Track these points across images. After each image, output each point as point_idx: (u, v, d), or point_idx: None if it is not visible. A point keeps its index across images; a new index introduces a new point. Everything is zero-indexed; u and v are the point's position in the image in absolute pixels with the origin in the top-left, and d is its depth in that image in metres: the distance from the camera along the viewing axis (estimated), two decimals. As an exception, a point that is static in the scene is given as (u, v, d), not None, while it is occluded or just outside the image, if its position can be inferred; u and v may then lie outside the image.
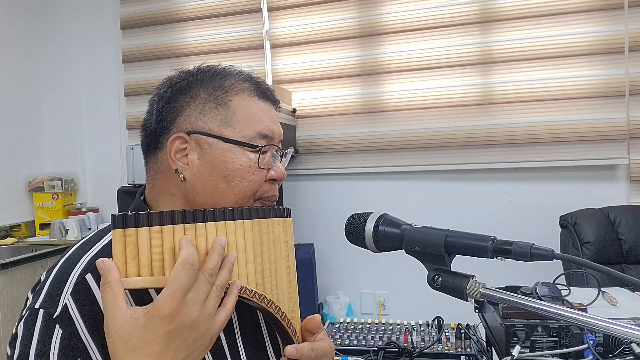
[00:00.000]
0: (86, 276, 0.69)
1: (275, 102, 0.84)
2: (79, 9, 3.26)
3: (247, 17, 2.92)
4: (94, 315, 0.67)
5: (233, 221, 0.68)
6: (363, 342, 1.38)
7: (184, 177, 0.76)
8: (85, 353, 0.65)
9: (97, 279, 0.69)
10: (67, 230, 2.97)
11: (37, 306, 0.67)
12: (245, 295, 0.68)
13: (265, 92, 0.81)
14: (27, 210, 3.16)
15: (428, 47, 2.65)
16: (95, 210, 3.21)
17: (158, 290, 0.60)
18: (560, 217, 2.23)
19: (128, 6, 3.12)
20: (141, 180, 2.46)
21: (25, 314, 0.68)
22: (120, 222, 0.59)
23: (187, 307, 0.58)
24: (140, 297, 0.68)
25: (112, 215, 0.60)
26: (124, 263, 0.59)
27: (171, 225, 0.62)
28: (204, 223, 0.64)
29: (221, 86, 0.78)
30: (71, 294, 0.67)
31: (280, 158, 0.82)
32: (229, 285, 0.65)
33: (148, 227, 0.60)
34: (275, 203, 0.81)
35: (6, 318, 2.39)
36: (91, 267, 0.70)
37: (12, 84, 3.10)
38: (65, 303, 0.66)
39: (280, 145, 0.82)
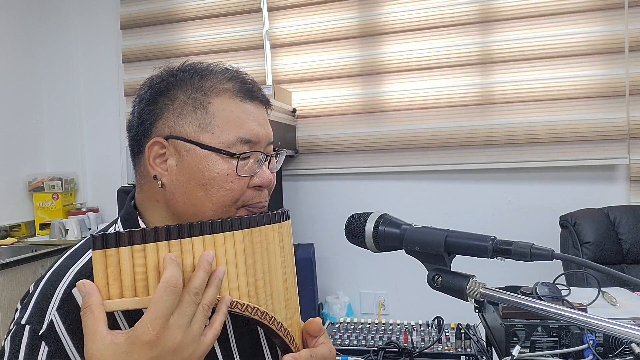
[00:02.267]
0: (72, 291, 0.67)
1: (264, 102, 0.79)
2: (79, 9, 3.26)
3: (247, 17, 2.92)
4: (80, 331, 0.64)
5: (222, 233, 0.64)
6: (363, 342, 1.38)
7: (161, 184, 0.74)
8: None
9: None
10: (67, 230, 2.97)
11: (23, 321, 0.65)
12: (236, 310, 0.65)
13: (251, 92, 0.76)
14: (27, 210, 3.16)
15: (428, 47, 2.65)
16: (95, 210, 3.21)
17: None
18: (560, 217, 2.23)
19: (128, 6, 3.12)
20: (141, 180, 2.46)
21: (12, 329, 0.66)
22: (99, 242, 0.56)
23: (170, 331, 0.56)
24: (134, 315, 0.64)
25: (91, 235, 0.57)
26: (105, 285, 0.57)
27: (155, 243, 0.59)
28: (190, 238, 0.61)
29: (201, 87, 0.74)
30: (57, 309, 0.65)
31: (268, 161, 0.77)
32: (218, 301, 0.62)
33: (130, 247, 0.57)
34: (264, 209, 0.77)
35: (6, 318, 2.39)
36: (77, 280, 0.70)
37: (12, 84, 3.10)
38: (51, 319, 0.65)
39: (267, 149, 0.77)
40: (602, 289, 1.32)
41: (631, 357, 1.08)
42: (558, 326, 1.13)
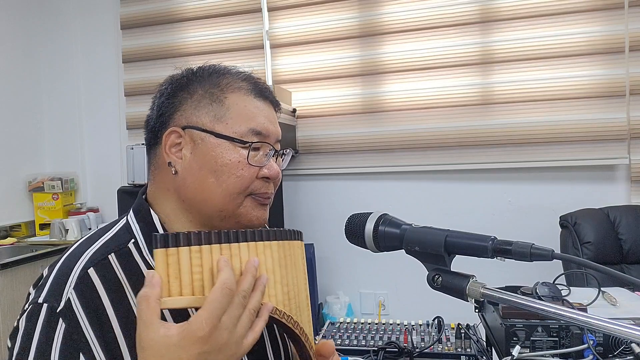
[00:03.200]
0: (89, 270, 0.70)
1: (274, 103, 0.84)
2: (79, 9, 3.26)
3: (247, 17, 2.92)
4: (96, 309, 0.68)
5: (262, 242, 0.68)
6: (363, 342, 1.38)
7: (175, 171, 0.78)
8: (87, 347, 0.66)
9: (100, 273, 0.71)
10: (67, 230, 2.97)
11: (40, 300, 0.67)
12: (275, 316, 0.67)
13: (263, 92, 0.81)
14: (27, 210, 3.16)
15: (428, 47, 2.65)
16: (95, 210, 3.21)
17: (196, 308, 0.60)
18: (560, 217, 2.23)
19: (128, 6, 3.12)
20: (141, 180, 2.46)
21: (28, 308, 0.68)
22: (162, 241, 0.59)
23: (219, 330, 0.58)
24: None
25: (153, 235, 0.60)
26: (166, 282, 0.59)
27: (209, 245, 0.62)
28: (237, 244, 0.65)
29: (218, 84, 0.79)
30: (74, 288, 0.68)
31: (275, 158, 0.82)
32: (261, 306, 0.65)
33: (188, 247, 0.60)
34: (269, 200, 0.81)
35: (6, 318, 2.39)
36: (94, 262, 0.71)
37: (12, 84, 3.10)
38: (69, 297, 0.67)
39: (276, 146, 0.81)
40: (602, 289, 1.32)
41: (631, 357, 1.08)
42: (558, 326, 1.13)
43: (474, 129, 2.59)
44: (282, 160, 0.86)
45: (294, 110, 2.79)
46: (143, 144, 0.87)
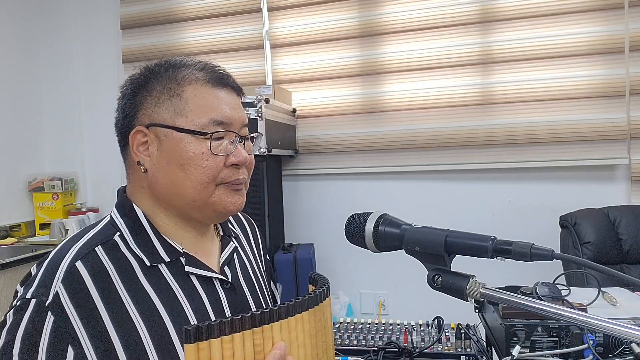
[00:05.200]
0: (76, 263, 0.71)
1: (236, 89, 0.85)
2: (79, 9, 3.26)
3: (247, 17, 2.92)
4: (85, 302, 0.68)
5: (294, 317, 0.67)
6: (363, 342, 1.38)
7: (145, 169, 0.79)
8: (76, 340, 0.66)
9: (88, 266, 0.71)
10: (67, 230, 2.97)
11: (28, 296, 0.68)
12: None
13: (221, 79, 0.82)
14: (27, 210, 3.16)
15: (428, 47, 2.65)
16: (95, 210, 3.21)
17: None
18: (560, 217, 2.23)
19: (128, 6, 3.12)
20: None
21: (16, 304, 0.69)
22: (193, 335, 0.57)
23: None
24: None
25: (184, 329, 0.58)
26: None
27: (241, 333, 0.61)
28: (270, 325, 0.64)
29: (175, 78, 0.80)
30: (62, 281, 0.68)
31: (244, 143, 0.82)
32: None
33: (220, 338, 0.59)
34: (241, 186, 0.82)
35: (6, 318, 2.39)
36: (81, 255, 0.72)
37: (12, 84, 3.10)
38: (57, 291, 0.68)
39: (241, 132, 0.82)
40: (602, 289, 1.32)
41: (631, 357, 1.08)
42: (558, 326, 1.13)
43: (474, 129, 2.59)
44: (253, 144, 0.87)
45: (294, 110, 2.79)
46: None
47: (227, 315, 0.78)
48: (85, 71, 3.26)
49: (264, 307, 0.88)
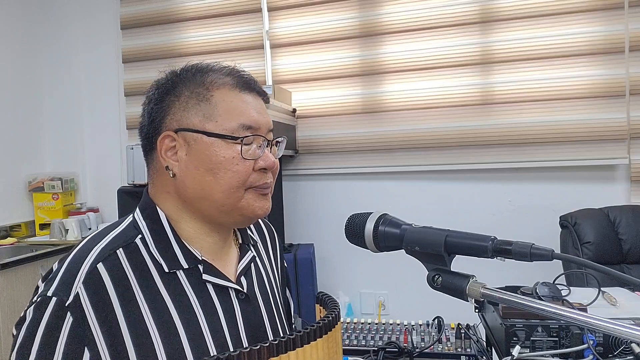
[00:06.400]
0: (97, 265, 0.71)
1: (261, 93, 0.85)
2: (79, 9, 3.26)
3: (247, 17, 2.92)
4: (104, 305, 0.69)
5: (309, 345, 0.66)
6: (363, 342, 1.38)
7: (173, 174, 0.79)
8: (92, 342, 0.67)
9: (109, 268, 0.72)
10: (67, 230, 2.97)
11: (49, 294, 0.68)
12: None
13: (249, 84, 0.82)
14: (27, 210, 3.16)
15: (428, 47, 2.65)
16: (95, 210, 3.21)
17: None
18: (560, 217, 2.23)
19: (128, 6, 3.12)
20: (141, 180, 2.46)
21: (36, 300, 0.69)
22: None
23: None
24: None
25: None
26: None
27: None
28: (287, 354, 0.64)
29: (202, 83, 0.80)
30: (83, 282, 0.69)
31: (270, 147, 0.83)
32: None
33: None
34: (269, 190, 0.82)
35: (6, 318, 2.39)
36: (103, 257, 0.72)
37: (13, 84, 3.10)
38: (78, 292, 0.68)
39: (268, 136, 0.82)
40: (602, 289, 1.32)
41: (631, 357, 1.08)
42: (558, 326, 1.13)
43: (474, 129, 2.59)
44: (278, 148, 0.88)
45: (294, 110, 2.79)
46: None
47: (240, 327, 0.79)
48: (86, 71, 3.26)
49: (277, 318, 0.87)
